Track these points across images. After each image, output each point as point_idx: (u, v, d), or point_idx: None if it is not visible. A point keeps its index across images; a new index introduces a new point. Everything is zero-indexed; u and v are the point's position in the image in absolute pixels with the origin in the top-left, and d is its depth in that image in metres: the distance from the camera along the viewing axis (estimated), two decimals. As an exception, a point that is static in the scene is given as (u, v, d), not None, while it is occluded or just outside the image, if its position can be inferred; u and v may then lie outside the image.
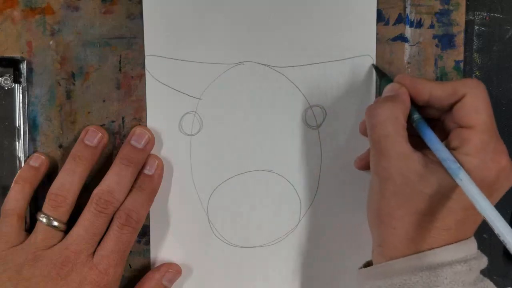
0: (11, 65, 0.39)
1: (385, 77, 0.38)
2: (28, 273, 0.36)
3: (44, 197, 0.38)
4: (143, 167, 0.39)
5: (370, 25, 0.40)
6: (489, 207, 0.29)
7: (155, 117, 0.40)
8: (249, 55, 0.40)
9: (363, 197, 0.35)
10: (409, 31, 0.40)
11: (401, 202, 0.31)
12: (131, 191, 0.38)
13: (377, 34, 0.40)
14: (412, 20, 0.40)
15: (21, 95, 0.39)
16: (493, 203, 0.31)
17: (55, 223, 0.37)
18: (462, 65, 0.41)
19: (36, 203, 0.40)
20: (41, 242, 0.37)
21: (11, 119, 0.39)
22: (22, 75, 0.39)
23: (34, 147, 0.40)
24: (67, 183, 0.37)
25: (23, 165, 0.39)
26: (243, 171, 0.41)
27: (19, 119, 0.39)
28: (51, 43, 0.39)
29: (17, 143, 0.39)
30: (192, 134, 0.40)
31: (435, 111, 0.34)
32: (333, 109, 0.40)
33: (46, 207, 0.37)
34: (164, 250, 0.41)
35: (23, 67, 0.39)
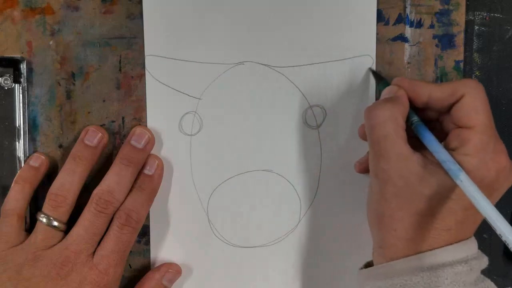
0: (11, 65, 0.39)
1: (383, 80, 0.38)
2: (28, 273, 0.36)
3: (44, 197, 0.38)
4: (143, 167, 0.39)
5: (370, 25, 0.40)
6: (490, 207, 0.29)
7: (155, 117, 0.40)
8: (249, 55, 0.40)
9: (363, 197, 0.35)
10: (409, 31, 0.40)
11: (401, 204, 0.31)
12: (131, 191, 0.38)
13: (377, 34, 0.40)
14: (412, 20, 0.40)
15: (21, 95, 0.39)
16: (493, 202, 0.31)
17: (55, 223, 0.37)
18: (462, 65, 0.41)
19: (36, 203, 0.40)
20: (41, 242, 0.37)
21: (11, 119, 0.39)
22: (22, 75, 0.39)
23: (34, 147, 0.40)
24: (67, 183, 0.37)
25: (23, 165, 0.39)
26: (243, 171, 0.41)
27: (19, 119, 0.39)
28: (51, 43, 0.39)
29: (17, 143, 0.39)
30: (192, 134, 0.40)
31: (433, 112, 0.34)
32: (333, 109, 0.40)
33: (46, 207, 0.37)
34: (164, 250, 0.41)
35: (23, 67, 0.39)
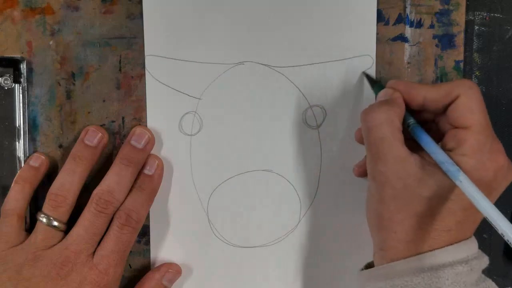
0: (11, 65, 0.39)
1: (377, 83, 0.38)
2: (28, 273, 0.36)
3: (44, 197, 0.38)
4: (143, 167, 0.39)
5: (370, 25, 0.40)
6: (491, 207, 0.29)
7: (155, 117, 0.40)
8: (249, 55, 0.40)
9: (363, 197, 0.35)
10: (409, 31, 0.40)
11: (400, 206, 0.31)
12: (131, 191, 0.38)
13: (377, 34, 0.40)
14: (412, 20, 0.40)
15: (21, 95, 0.39)
16: (492, 202, 0.31)
17: (55, 223, 0.37)
18: (462, 65, 0.41)
19: (36, 203, 0.40)
20: (41, 242, 0.37)
21: (11, 119, 0.39)
22: (22, 75, 0.39)
23: (34, 147, 0.40)
24: (67, 183, 0.37)
25: (23, 165, 0.39)
26: (243, 171, 0.41)
27: (19, 119, 0.39)
28: (51, 43, 0.39)
29: (17, 143, 0.39)
30: (192, 134, 0.40)
31: (428, 114, 0.34)
32: (333, 109, 0.40)
33: (46, 207, 0.37)
34: (164, 250, 0.41)
35: (23, 67, 0.39)
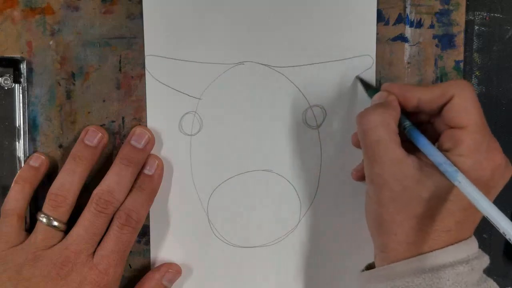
0: (11, 65, 0.39)
1: (371, 88, 0.38)
2: (28, 273, 0.36)
3: (44, 197, 0.38)
4: (143, 167, 0.39)
5: (370, 25, 0.40)
6: (491, 206, 0.29)
7: (155, 117, 0.40)
8: (249, 55, 0.40)
9: (363, 197, 0.35)
10: (409, 31, 0.40)
11: (400, 208, 0.31)
12: (131, 191, 0.38)
13: (377, 34, 0.40)
14: (412, 20, 0.40)
15: (21, 95, 0.39)
16: (491, 200, 0.31)
17: (55, 223, 0.37)
18: (462, 65, 0.41)
19: (36, 203, 0.40)
20: (41, 242, 0.37)
21: (11, 119, 0.39)
22: (22, 75, 0.39)
23: (34, 147, 0.40)
24: (67, 183, 0.37)
25: (23, 165, 0.39)
26: (243, 171, 0.41)
27: (19, 119, 0.39)
28: (51, 43, 0.39)
29: (17, 143, 0.39)
30: (192, 134, 0.40)
31: (424, 115, 0.34)
32: (333, 109, 0.40)
33: (46, 207, 0.37)
34: (164, 250, 0.41)
35: (23, 67, 0.39)
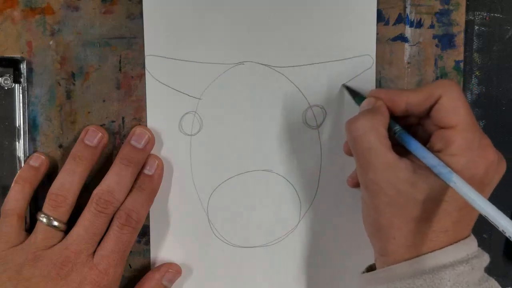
0: (11, 65, 0.39)
1: (358, 95, 0.38)
2: (28, 273, 0.36)
3: (44, 197, 0.38)
4: (143, 167, 0.39)
5: (370, 25, 0.40)
6: (488, 205, 0.29)
7: (155, 117, 0.40)
8: (249, 55, 0.40)
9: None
10: (409, 31, 0.40)
11: (396, 212, 0.31)
12: (131, 191, 0.38)
13: (377, 34, 0.40)
14: (412, 20, 0.40)
15: (21, 95, 0.39)
16: (486, 197, 0.31)
17: (55, 223, 0.37)
18: (462, 65, 0.41)
19: (36, 203, 0.40)
20: (41, 242, 0.37)
21: (11, 119, 0.39)
22: (22, 75, 0.39)
23: (34, 147, 0.40)
24: (67, 183, 0.37)
25: (23, 165, 0.39)
26: (243, 171, 0.41)
27: (19, 119, 0.39)
28: (51, 43, 0.39)
29: (17, 143, 0.39)
30: (192, 134, 0.40)
31: (413, 118, 0.34)
32: (333, 109, 0.40)
33: (46, 207, 0.37)
34: (164, 250, 0.41)
35: (23, 67, 0.39)
